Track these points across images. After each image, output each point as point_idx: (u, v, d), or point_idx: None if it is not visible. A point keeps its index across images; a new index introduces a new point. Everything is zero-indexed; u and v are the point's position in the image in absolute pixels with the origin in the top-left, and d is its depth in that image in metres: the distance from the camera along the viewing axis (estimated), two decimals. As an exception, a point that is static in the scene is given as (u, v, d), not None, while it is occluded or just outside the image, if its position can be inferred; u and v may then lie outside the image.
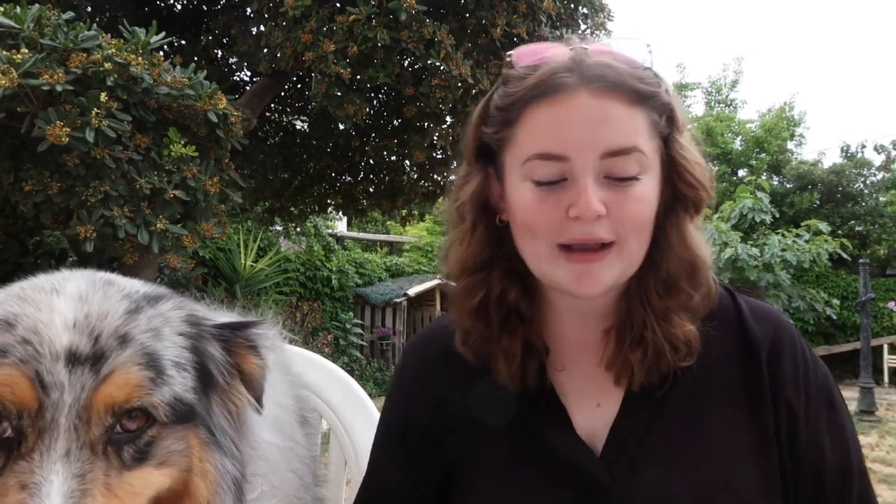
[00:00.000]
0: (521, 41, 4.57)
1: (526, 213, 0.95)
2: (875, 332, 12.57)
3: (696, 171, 0.97)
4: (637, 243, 0.94)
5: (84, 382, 0.66)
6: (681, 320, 0.97)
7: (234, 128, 3.49)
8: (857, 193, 15.97)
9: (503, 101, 0.98)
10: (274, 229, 9.72)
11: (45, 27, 2.98)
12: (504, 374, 1.01)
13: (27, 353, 0.65)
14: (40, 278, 0.77)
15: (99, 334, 0.68)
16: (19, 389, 0.64)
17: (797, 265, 9.63)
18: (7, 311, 0.68)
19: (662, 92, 0.95)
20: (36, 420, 0.64)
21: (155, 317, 0.75)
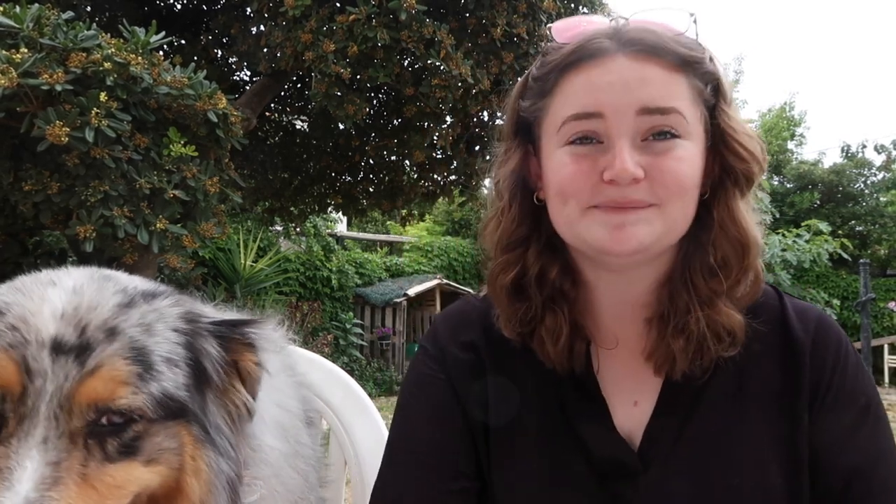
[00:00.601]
0: (521, 41, 4.57)
1: (561, 178, 0.91)
2: (875, 332, 12.56)
3: (746, 141, 0.92)
4: (681, 208, 0.89)
5: (68, 372, 0.66)
6: (726, 308, 0.92)
7: (233, 128, 3.49)
8: (858, 193, 15.96)
9: (540, 72, 0.96)
10: (274, 229, 9.72)
11: (44, 27, 2.97)
12: (550, 354, 0.97)
13: (15, 339, 0.66)
14: (43, 273, 0.78)
15: (86, 326, 0.69)
16: (5, 372, 0.65)
17: (797, 265, 9.62)
18: (0, 301, 0.70)
19: (707, 60, 0.91)
20: (18, 406, 0.65)
21: (149, 312, 0.75)
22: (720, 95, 0.93)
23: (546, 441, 0.98)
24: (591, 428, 0.97)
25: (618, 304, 0.99)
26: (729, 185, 0.93)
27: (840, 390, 0.93)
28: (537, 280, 0.98)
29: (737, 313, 0.92)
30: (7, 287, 0.75)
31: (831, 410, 0.92)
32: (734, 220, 0.92)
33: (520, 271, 0.98)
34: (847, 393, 0.93)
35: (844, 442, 0.91)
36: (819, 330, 0.96)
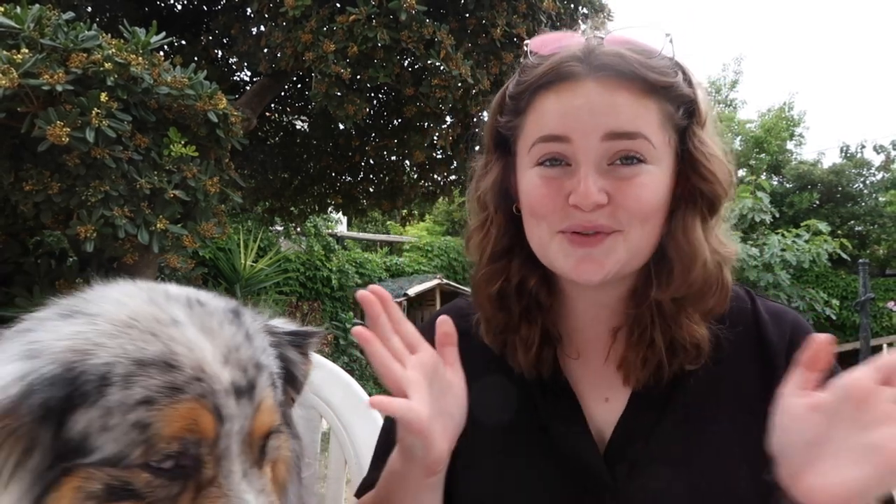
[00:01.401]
0: (521, 41, 4.56)
1: (530, 199, 0.94)
2: (875, 332, 12.57)
3: (712, 164, 0.94)
4: (642, 233, 0.91)
5: (245, 412, 0.73)
6: (690, 322, 0.94)
7: (234, 128, 3.49)
8: (857, 193, 15.98)
9: (515, 90, 0.99)
10: (274, 229, 9.72)
11: (45, 27, 2.98)
12: (521, 362, 1.01)
13: (203, 388, 0.69)
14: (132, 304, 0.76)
15: (245, 367, 0.75)
16: (204, 421, 0.69)
17: (797, 265, 9.63)
18: (158, 352, 0.70)
19: (681, 83, 0.93)
20: (213, 449, 0.70)
21: (256, 334, 0.80)
22: (694, 118, 0.94)
23: (517, 441, 1.01)
24: (561, 421, 0.99)
25: (589, 308, 1.03)
26: (690, 204, 0.94)
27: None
28: (517, 289, 1.01)
29: (701, 327, 0.94)
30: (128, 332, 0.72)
31: None
32: (688, 237, 0.94)
33: (504, 281, 1.01)
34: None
35: None
36: (795, 334, 0.97)
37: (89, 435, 0.66)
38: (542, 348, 1.01)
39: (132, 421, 0.66)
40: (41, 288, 3.26)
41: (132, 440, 0.66)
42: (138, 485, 0.67)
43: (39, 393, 0.65)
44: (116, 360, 0.68)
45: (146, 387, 0.67)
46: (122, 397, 0.66)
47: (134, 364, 0.68)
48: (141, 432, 0.66)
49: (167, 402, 0.67)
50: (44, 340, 0.69)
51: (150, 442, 0.66)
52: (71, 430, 0.66)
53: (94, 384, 0.66)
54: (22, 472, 0.66)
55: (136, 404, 0.66)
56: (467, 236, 1.08)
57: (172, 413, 0.67)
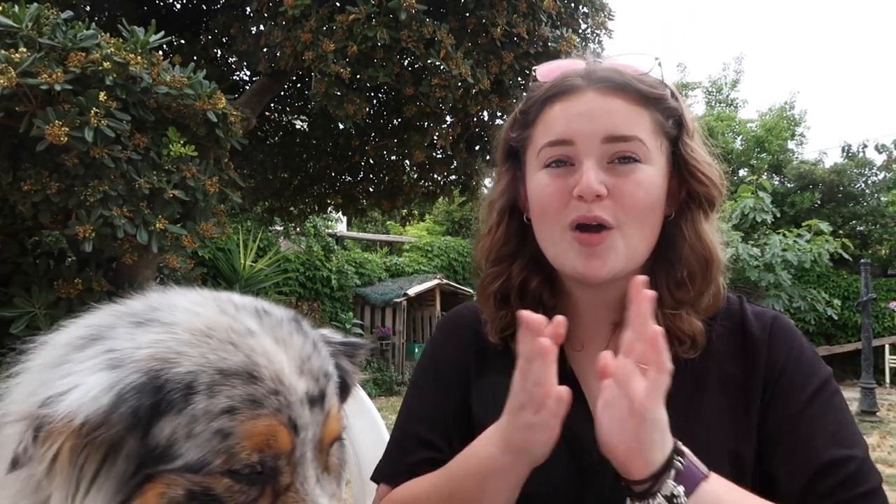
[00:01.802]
0: (521, 41, 4.56)
1: (539, 195, 1.06)
2: (876, 332, 12.56)
3: (705, 168, 1.06)
4: (639, 231, 1.02)
5: (318, 420, 0.76)
6: (688, 316, 1.04)
7: (233, 127, 3.48)
8: (859, 193, 15.96)
9: (525, 106, 1.12)
10: (274, 229, 9.71)
11: (43, 26, 2.97)
12: None
13: (280, 402, 0.72)
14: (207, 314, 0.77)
15: (317, 376, 0.78)
16: (281, 437, 0.71)
17: (798, 265, 9.62)
18: (240, 363, 0.72)
19: (669, 97, 1.06)
20: (290, 458, 0.73)
21: (319, 344, 0.84)
22: (682, 129, 1.07)
23: None
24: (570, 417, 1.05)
25: (592, 307, 1.13)
26: (694, 207, 1.07)
27: (794, 374, 1.04)
28: (519, 290, 1.12)
29: (697, 320, 1.05)
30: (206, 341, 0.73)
31: (786, 393, 1.03)
32: (700, 238, 1.06)
33: (505, 281, 1.13)
34: (801, 375, 1.04)
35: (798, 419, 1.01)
36: (775, 326, 1.08)
37: (175, 442, 0.68)
38: None
39: (215, 429, 0.68)
40: (40, 288, 3.25)
41: (214, 448, 0.68)
42: (219, 490, 0.68)
43: (129, 402, 0.66)
44: (200, 370, 0.70)
45: (230, 396, 0.69)
46: (207, 406, 0.68)
47: (218, 373, 0.70)
48: (222, 440, 0.68)
49: (249, 414, 0.69)
50: (123, 349, 0.70)
51: (231, 451, 0.68)
52: (157, 438, 0.68)
53: (180, 392, 0.68)
54: (106, 480, 0.67)
55: (220, 413, 0.68)
56: (476, 241, 1.20)
57: (252, 428, 0.69)
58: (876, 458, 7.08)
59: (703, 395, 1.05)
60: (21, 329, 3.10)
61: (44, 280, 3.35)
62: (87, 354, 0.70)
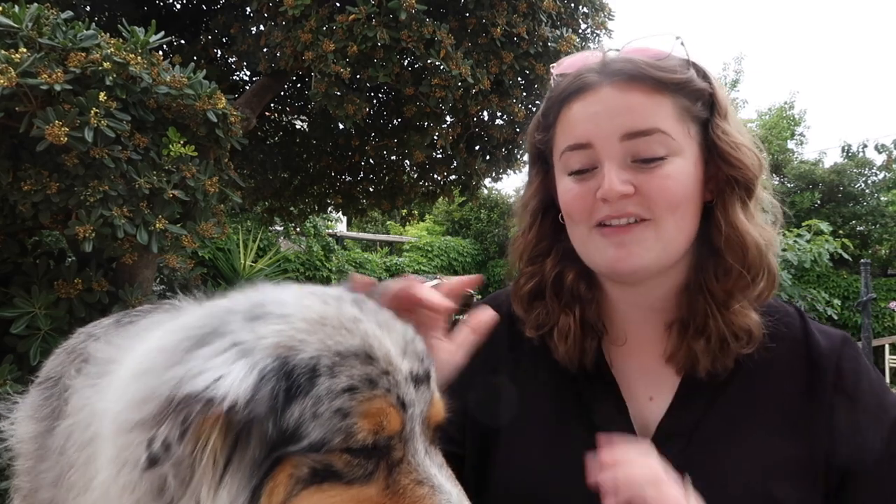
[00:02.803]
0: (521, 41, 4.56)
1: (566, 202, 1.04)
2: (876, 332, 12.56)
3: (738, 151, 0.99)
4: (673, 223, 0.97)
5: (424, 397, 0.80)
6: (742, 308, 0.98)
7: (233, 127, 3.48)
8: (859, 193, 15.96)
9: (545, 108, 1.09)
10: (274, 229, 9.71)
11: (43, 26, 2.96)
12: (562, 352, 1.06)
13: (389, 382, 0.76)
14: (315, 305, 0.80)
15: (421, 357, 0.82)
16: (392, 418, 0.75)
17: (798, 265, 9.61)
18: (358, 345, 0.76)
19: (695, 79, 1.00)
20: (401, 435, 0.77)
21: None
22: (714, 110, 1.01)
23: (559, 431, 1.05)
24: (606, 417, 1.03)
25: (634, 310, 1.07)
26: (728, 191, 1.01)
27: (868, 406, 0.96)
28: (553, 284, 1.09)
29: (752, 313, 0.99)
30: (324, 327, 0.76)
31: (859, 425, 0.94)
32: (732, 223, 1.00)
33: (539, 279, 1.10)
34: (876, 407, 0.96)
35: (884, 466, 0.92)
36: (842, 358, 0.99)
37: (302, 423, 0.70)
38: (584, 339, 1.05)
39: (336, 407, 0.71)
40: (39, 288, 3.24)
41: (335, 426, 0.71)
42: (339, 466, 0.72)
43: (269, 384, 0.69)
44: (321, 353, 0.73)
45: (350, 376, 0.73)
46: (329, 385, 0.72)
47: (337, 355, 0.74)
48: (343, 419, 0.71)
49: (366, 394, 0.73)
50: (247, 340, 0.73)
51: (350, 430, 0.72)
52: (288, 420, 0.70)
53: (306, 376, 0.72)
54: (239, 466, 0.69)
55: (341, 392, 0.72)
56: (511, 243, 1.19)
57: (368, 408, 0.73)
58: (876, 458, 7.10)
59: (758, 418, 0.97)
60: (21, 329, 3.09)
61: (44, 280, 3.34)
62: (210, 351, 0.72)
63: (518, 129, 5.11)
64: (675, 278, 1.02)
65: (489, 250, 16.59)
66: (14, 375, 3.00)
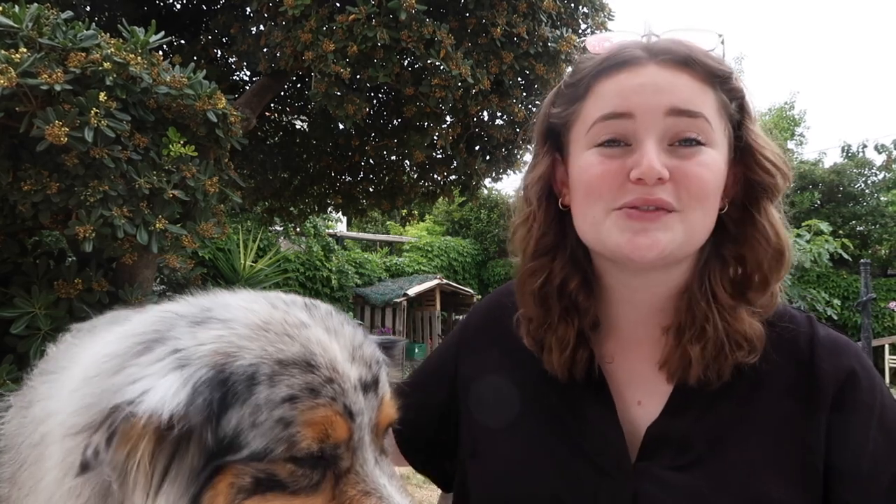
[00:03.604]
0: (521, 41, 4.56)
1: (588, 178, 0.94)
2: (876, 332, 12.56)
3: (773, 156, 0.97)
4: (701, 215, 0.91)
5: (372, 405, 0.78)
6: (748, 317, 0.94)
7: (233, 127, 3.48)
8: (859, 193, 15.96)
9: (573, 79, 0.99)
10: (274, 229, 9.70)
11: (43, 26, 2.96)
12: (555, 363, 1.01)
13: (335, 390, 0.74)
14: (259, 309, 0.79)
15: (369, 362, 0.80)
16: (338, 426, 0.74)
17: (798, 265, 9.61)
18: (298, 352, 0.74)
19: (735, 78, 0.95)
20: (348, 444, 0.75)
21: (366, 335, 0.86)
22: (745, 113, 0.96)
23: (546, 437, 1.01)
24: (594, 424, 0.99)
25: (636, 309, 1.02)
26: (761, 197, 0.97)
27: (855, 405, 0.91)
28: (559, 290, 1.02)
29: (755, 321, 0.94)
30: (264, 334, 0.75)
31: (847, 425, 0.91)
32: (775, 230, 0.97)
33: (545, 279, 1.02)
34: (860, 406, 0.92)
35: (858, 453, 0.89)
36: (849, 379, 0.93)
37: (241, 432, 0.70)
38: (577, 349, 1.01)
39: (277, 417, 0.70)
40: (40, 288, 3.24)
41: (277, 436, 0.70)
42: (283, 476, 0.71)
43: (202, 395, 0.68)
44: (261, 361, 0.72)
45: (290, 385, 0.71)
46: (268, 395, 0.70)
47: (277, 364, 0.72)
48: (284, 428, 0.70)
49: (308, 403, 0.72)
50: (187, 347, 0.72)
51: (292, 439, 0.70)
52: (225, 429, 0.70)
53: (244, 384, 0.70)
54: (178, 475, 0.69)
55: (282, 401, 0.71)
56: (512, 231, 1.09)
57: (311, 417, 0.71)
58: (876, 458, 7.09)
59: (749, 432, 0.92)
60: (21, 329, 3.09)
61: (44, 280, 3.34)
62: (151, 357, 0.72)
63: (518, 129, 5.11)
64: (677, 278, 0.97)
65: (489, 250, 16.59)
66: (14, 376, 3.00)
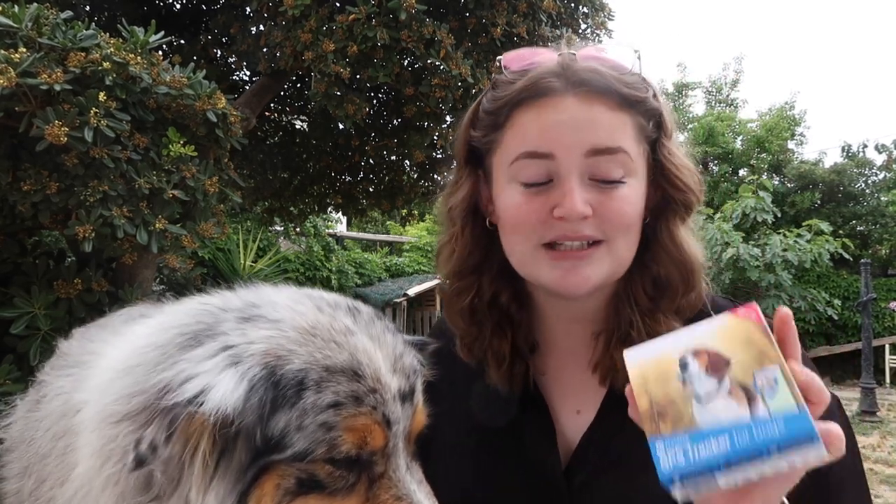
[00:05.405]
0: (522, 41, 4.56)
1: (512, 214, 0.96)
2: (876, 332, 12.55)
3: (684, 174, 0.98)
4: (625, 243, 0.95)
5: (407, 414, 0.81)
6: (667, 319, 0.98)
7: (233, 127, 3.48)
8: (859, 193, 15.96)
9: (492, 106, 1.00)
10: (274, 229, 9.70)
11: (43, 26, 2.96)
12: (494, 377, 1.03)
13: (376, 400, 0.77)
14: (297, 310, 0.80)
15: (409, 373, 0.83)
16: (376, 434, 0.76)
17: (798, 265, 9.60)
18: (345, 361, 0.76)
19: (650, 97, 0.96)
20: (384, 450, 0.78)
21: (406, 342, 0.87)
22: (662, 130, 0.98)
23: (491, 449, 1.03)
24: (533, 435, 1.01)
25: (564, 321, 1.05)
26: (670, 213, 0.99)
27: None
28: (489, 304, 1.04)
29: (676, 322, 0.97)
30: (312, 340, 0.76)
31: None
32: (677, 244, 0.98)
33: (474, 296, 1.04)
34: None
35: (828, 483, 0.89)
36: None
37: (287, 433, 0.72)
38: (513, 363, 1.02)
39: (321, 421, 0.73)
40: (39, 288, 3.24)
41: (319, 438, 0.73)
42: (322, 476, 0.74)
43: (257, 394, 0.70)
44: (309, 367, 0.74)
45: (336, 392, 0.74)
46: (315, 400, 0.73)
47: (325, 370, 0.74)
48: (326, 431, 0.73)
49: (351, 410, 0.74)
50: (238, 344, 0.74)
51: (333, 442, 0.73)
52: (272, 429, 0.71)
53: (293, 388, 0.72)
54: (226, 472, 0.71)
55: (327, 407, 0.73)
56: (437, 251, 1.11)
57: (353, 423, 0.74)
58: (876, 457, 7.06)
59: None
60: (21, 329, 3.09)
61: (43, 280, 3.34)
62: (202, 352, 0.73)
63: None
64: (606, 291, 1.00)
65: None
66: (14, 376, 3.00)
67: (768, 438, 0.64)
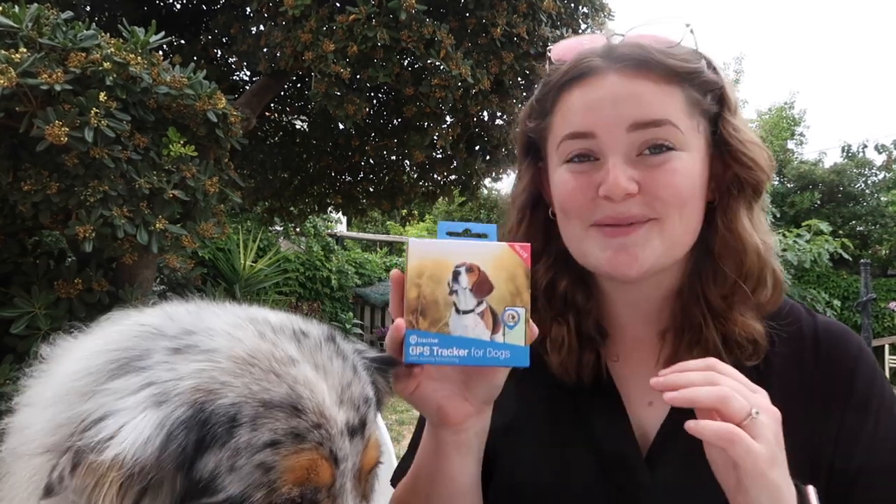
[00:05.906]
0: (522, 41, 4.56)
1: (562, 196, 0.95)
2: (876, 332, 12.55)
3: (751, 150, 0.94)
4: (680, 221, 0.90)
5: (357, 449, 0.75)
6: (743, 318, 0.92)
7: (233, 127, 3.48)
8: (859, 193, 15.96)
9: (541, 93, 1.00)
10: (274, 229, 9.70)
11: (43, 26, 2.96)
12: (555, 365, 1.00)
13: (321, 435, 0.70)
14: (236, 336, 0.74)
15: (357, 404, 0.76)
16: (322, 471, 0.70)
17: (798, 265, 9.60)
18: (284, 395, 0.70)
19: (704, 69, 0.93)
20: (330, 490, 0.72)
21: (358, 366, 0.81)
22: (724, 105, 0.94)
23: (559, 434, 1.00)
24: (604, 424, 0.98)
25: (630, 310, 1.01)
26: (734, 193, 0.94)
27: (858, 398, 0.92)
28: (546, 292, 1.01)
29: (756, 322, 0.92)
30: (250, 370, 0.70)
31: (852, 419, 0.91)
32: (732, 228, 0.93)
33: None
34: (864, 398, 0.92)
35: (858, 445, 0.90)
36: (858, 356, 0.96)
37: (217, 475, 0.66)
38: (582, 352, 0.99)
39: (257, 462, 0.67)
40: (39, 288, 3.24)
41: (255, 481, 0.67)
42: None
43: (177, 440, 0.64)
44: (244, 401, 0.68)
45: (273, 430, 0.68)
46: (250, 439, 0.67)
47: (261, 405, 0.68)
48: (264, 473, 0.67)
49: (291, 448, 0.68)
50: (166, 381, 0.67)
51: (273, 485, 0.67)
52: (200, 472, 0.66)
53: (224, 425, 0.67)
54: None
55: (263, 446, 0.67)
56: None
57: (294, 463, 0.68)
58: (876, 458, 7.08)
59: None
60: (21, 329, 3.09)
61: (44, 280, 3.34)
62: (124, 386, 0.67)
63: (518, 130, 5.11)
64: (670, 280, 0.97)
65: (489, 250, 16.52)
66: (14, 376, 3.00)
67: (495, 359, 0.83)
